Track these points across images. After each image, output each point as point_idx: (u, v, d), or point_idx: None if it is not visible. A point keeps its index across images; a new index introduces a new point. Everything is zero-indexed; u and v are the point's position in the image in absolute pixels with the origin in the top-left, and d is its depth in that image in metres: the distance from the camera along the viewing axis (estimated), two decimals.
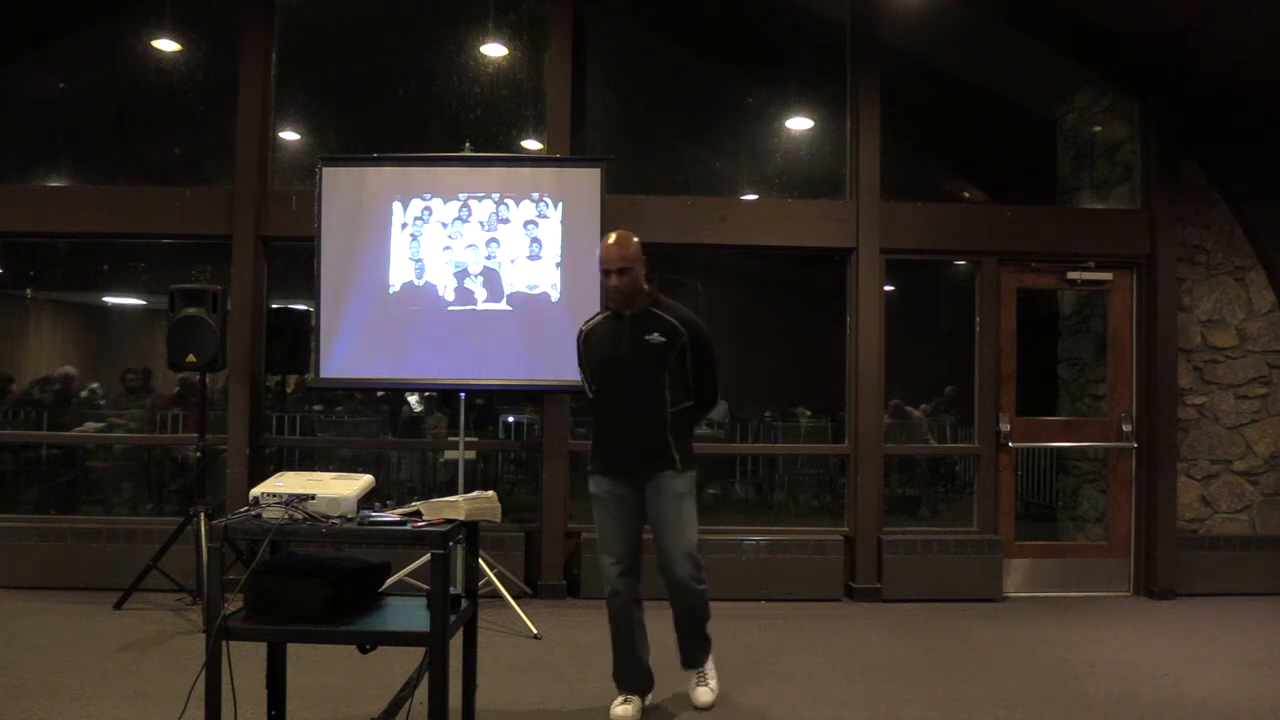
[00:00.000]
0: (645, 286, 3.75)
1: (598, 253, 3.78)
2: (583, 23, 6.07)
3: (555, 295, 5.36)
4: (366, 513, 2.83)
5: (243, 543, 4.53)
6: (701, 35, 6.85)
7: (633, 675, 3.77)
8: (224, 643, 2.66)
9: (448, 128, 6.18)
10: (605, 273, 3.69)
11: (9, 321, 8.02)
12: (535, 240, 5.38)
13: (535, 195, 5.40)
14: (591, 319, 3.93)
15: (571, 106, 5.94)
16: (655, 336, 3.67)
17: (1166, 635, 5.11)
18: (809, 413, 7.50)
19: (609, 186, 5.39)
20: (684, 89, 6.86)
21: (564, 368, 5.30)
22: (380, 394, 7.11)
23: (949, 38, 6.47)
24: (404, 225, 5.40)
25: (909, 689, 4.15)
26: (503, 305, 5.37)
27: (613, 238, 3.74)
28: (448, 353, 5.34)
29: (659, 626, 3.87)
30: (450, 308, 5.37)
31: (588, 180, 5.38)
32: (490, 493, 3.08)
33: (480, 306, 5.36)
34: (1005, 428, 6.03)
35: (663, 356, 3.66)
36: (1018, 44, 6.33)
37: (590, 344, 3.83)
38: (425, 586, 3.99)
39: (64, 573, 5.58)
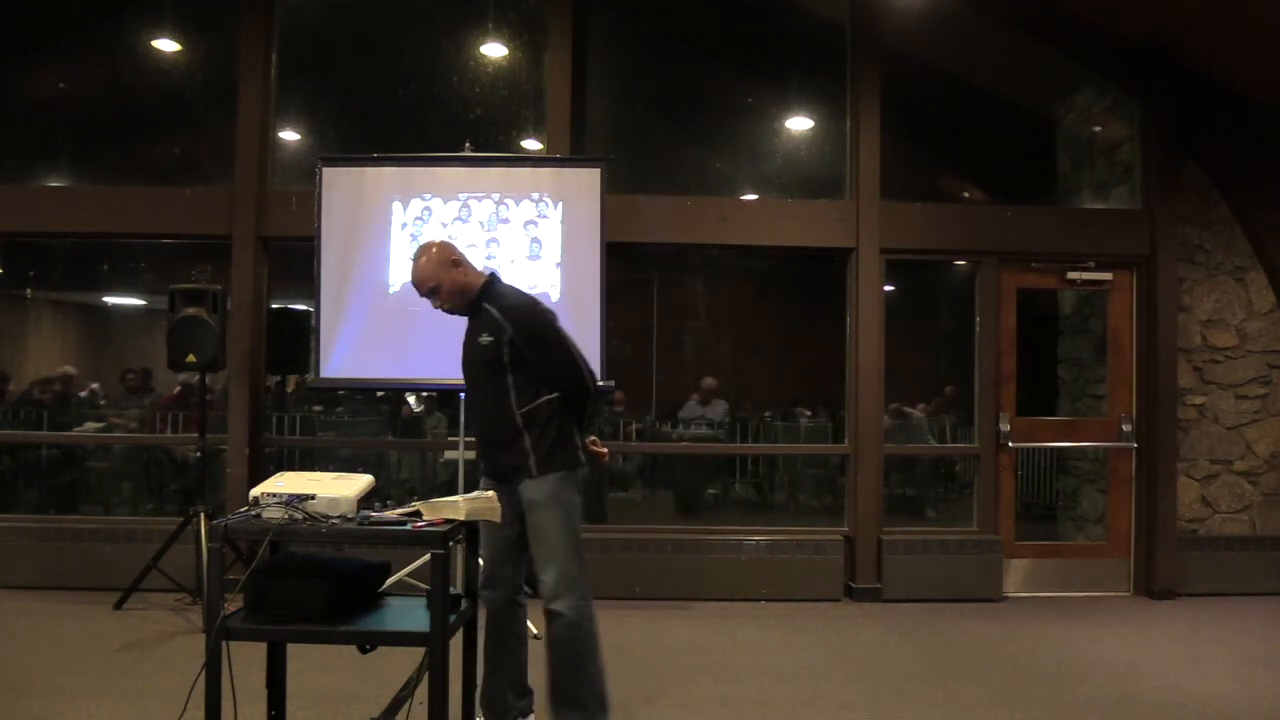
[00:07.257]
0: (467, 280, 3.42)
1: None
2: (583, 23, 6.08)
3: (555, 295, 5.35)
4: (366, 513, 2.82)
5: (243, 543, 4.52)
6: (701, 35, 6.85)
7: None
8: (224, 643, 2.65)
9: (448, 128, 6.18)
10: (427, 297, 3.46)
11: (9, 321, 8.02)
12: (535, 240, 5.38)
13: (535, 195, 5.39)
14: None
15: (571, 106, 5.94)
16: (484, 337, 3.33)
17: (1166, 635, 5.11)
18: (809, 413, 7.51)
19: (609, 186, 5.38)
20: (684, 89, 6.85)
21: None
22: (380, 394, 7.11)
23: (949, 38, 6.46)
24: (404, 225, 5.39)
25: (909, 689, 4.15)
26: None
27: (414, 262, 3.47)
28: (448, 353, 5.30)
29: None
30: None
31: (588, 180, 5.37)
32: (490, 493, 3.08)
33: None
34: (1005, 428, 6.03)
35: (495, 357, 3.30)
36: (1018, 44, 6.33)
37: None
38: (425, 586, 3.99)
39: (64, 573, 5.58)
